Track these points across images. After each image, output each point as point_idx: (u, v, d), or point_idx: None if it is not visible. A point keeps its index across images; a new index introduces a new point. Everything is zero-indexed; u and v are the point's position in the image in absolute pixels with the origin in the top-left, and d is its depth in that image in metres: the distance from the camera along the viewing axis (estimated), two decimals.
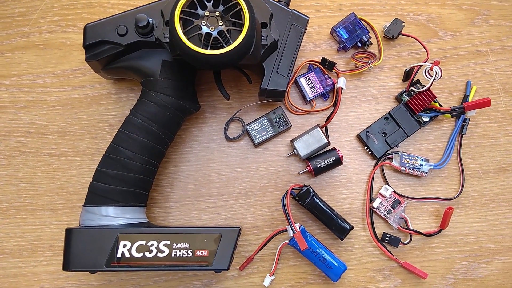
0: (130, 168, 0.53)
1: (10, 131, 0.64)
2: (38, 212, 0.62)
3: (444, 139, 0.64)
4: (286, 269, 0.61)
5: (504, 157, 0.64)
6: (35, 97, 0.64)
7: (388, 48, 0.66)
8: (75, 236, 0.50)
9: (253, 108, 0.64)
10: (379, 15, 0.66)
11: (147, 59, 0.55)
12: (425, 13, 0.67)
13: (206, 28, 0.47)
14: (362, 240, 0.62)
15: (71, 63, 0.65)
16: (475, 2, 0.67)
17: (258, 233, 0.62)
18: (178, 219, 0.62)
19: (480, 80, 0.65)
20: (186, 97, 0.56)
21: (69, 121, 0.64)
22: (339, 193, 0.63)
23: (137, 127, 0.54)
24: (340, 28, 0.64)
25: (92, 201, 0.53)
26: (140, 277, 0.61)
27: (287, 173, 0.63)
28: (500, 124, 0.64)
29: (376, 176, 0.63)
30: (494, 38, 0.66)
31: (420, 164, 0.61)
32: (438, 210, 0.62)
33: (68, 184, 0.63)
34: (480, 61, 0.66)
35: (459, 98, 0.65)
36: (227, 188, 0.63)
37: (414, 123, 0.62)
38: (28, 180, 0.63)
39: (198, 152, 0.63)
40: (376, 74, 0.65)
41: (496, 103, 0.65)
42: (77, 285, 0.61)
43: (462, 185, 0.62)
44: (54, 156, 0.63)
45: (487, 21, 0.67)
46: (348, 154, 0.63)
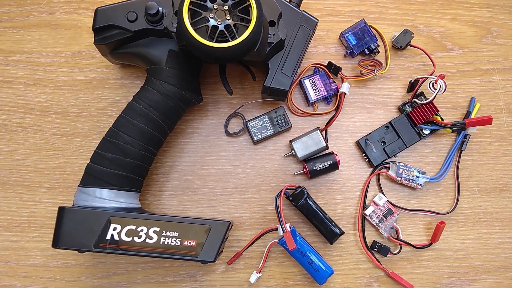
0: (128, 153, 0.54)
1: (15, 107, 0.65)
2: (34, 188, 0.63)
3: (443, 153, 0.64)
4: (273, 267, 0.61)
5: (501, 177, 0.63)
6: (42, 76, 0.65)
7: (395, 58, 0.66)
8: (67, 215, 0.51)
9: (256, 106, 0.65)
10: (389, 24, 0.66)
11: (154, 47, 0.56)
12: (435, 26, 0.67)
13: (214, 21, 0.47)
14: (352, 246, 0.62)
15: (81, 45, 0.66)
16: (487, 19, 0.67)
17: (248, 230, 0.62)
18: (172, 208, 0.63)
19: (484, 98, 0.65)
20: (190, 88, 0.57)
21: (73, 102, 0.65)
22: (333, 197, 0.63)
23: (138, 113, 0.55)
24: (349, 34, 0.64)
25: (88, 182, 0.53)
26: (129, 262, 0.61)
27: (283, 172, 0.63)
28: (500, 143, 0.64)
29: (372, 184, 0.63)
30: (502, 57, 0.66)
31: (416, 176, 0.61)
32: (431, 223, 0.62)
33: (67, 164, 0.64)
34: (486, 79, 0.66)
35: (462, 114, 0.65)
36: (223, 182, 0.63)
37: (414, 135, 0.62)
38: (28, 156, 0.64)
39: (197, 144, 0.64)
40: (381, 83, 0.65)
41: (498, 122, 0.65)
42: (66, 264, 0.61)
43: (456, 200, 0.62)
44: (55, 135, 0.64)
45: (497, 39, 0.66)
46: (345, 160, 0.63)
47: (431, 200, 0.63)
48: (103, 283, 0.61)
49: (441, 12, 0.67)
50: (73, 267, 0.61)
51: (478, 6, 0.67)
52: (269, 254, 0.61)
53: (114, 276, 0.61)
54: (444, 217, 0.62)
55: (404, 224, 0.62)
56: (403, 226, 0.62)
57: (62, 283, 0.61)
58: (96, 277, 0.61)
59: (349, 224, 0.62)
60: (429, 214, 0.62)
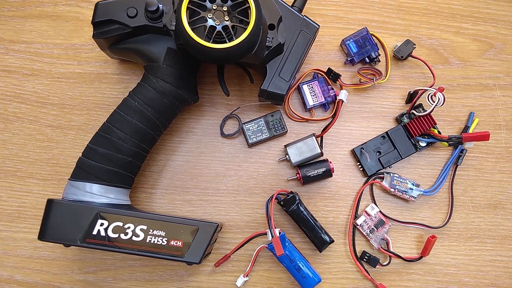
0: (120, 149, 0.53)
1: (11, 96, 0.65)
2: (26, 179, 0.63)
3: (438, 166, 0.63)
4: (261, 272, 0.61)
5: (496, 194, 0.63)
6: (40, 66, 0.65)
7: (396, 68, 0.65)
8: (55, 207, 0.51)
9: (252, 108, 0.64)
10: (391, 34, 0.66)
11: (153, 45, 0.55)
12: (438, 39, 0.66)
13: (212, 21, 0.47)
14: (341, 255, 0.61)
15: (81, 38, 0.66)
16: (491, 34, 0.66)
17: (238, 233, 0.62)
18: (162, 207, 0.62)
19: (483, 113, 0.64)
20: (186, 87, 0.57)
21: (70, 94, 0.65)
22: (325, 205, 0.62)
23: (132, 110, 0.54)
24: (351, 41, 0.63)
25: (78, 176, 0.53)
26: (116, 258, 0.61)
27: (276, 177, 0.63)
28: (497, 160, 0.63)
29: (365, 193, 0.62)
30: (504, 73, 0.65)
31: (410, 188, 0.60)
32: (422, 236, 0.61)
33: (60, 156, 0.63)
34: (486, 94, 0.65)
35: (460, 128, 0.64)
36: (215, 184, 0.63)
37: (410, 146, 0.62)
38: (22, 147, 0.64)
39: (192, 143, 0.64)
40: (380, 92, 0.65)
41: (496, 139, 0.64)
42: (53, 256, 0.61)
43: (449, 215, 0.62)
44: (50, 126, 0.64)
45: (500, 55, 0.66)
46: (339, 168, 0.63)
47: (423, 213, 0.62)
48: (89, 277, 0.61)
49: (444, 24, 0.66)
50: (60, 260, 0.61)
51: (483, 21, 0.67)
52: (257, 259, 0.61)
53: (101, 272, 0.61)
54: (436, 231, 0.61)
55: (395, 236, 0.62)
56: (394, 238, 0.61)
57: (48, 275, 0.61)
58: (82, 271, 0.61)
59: (340, 233, 0.62)
60: (421, 227, 0.61)
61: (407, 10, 0.67)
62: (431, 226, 0.61)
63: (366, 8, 0.67)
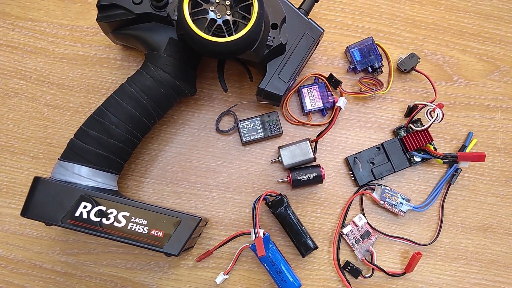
0: (112, 133, 0.53)
1: (13, 72, 0.65)
2: (19, 155, 0.63)
3: (431, 183, 0.62)
4: (241, 271, 0.60)
5: (487, 217, 0.62)
6: (44, 45, 0.65)
7: (398, 80, 0.64)
8: (41, 185, 0.51)
9: (250, 107, 0.64)
10: (397, 46, 0.65)
11: (156, 33, 0.55)
12: (444, 55, 0.65)
13: (213, 14, 0.47)
14: (324, 262, 0.61)
15: (87, 20, 0.66)
16: (498, 56, 0.66)
17: (223, 230, 0.61)
18: (150, 196, 0.62)
19: (482, 134, 0.64)
20: (184, 78, 0.56)
21: (71, 75, 0.65)
22: (313, 210, 0.62)
23: (128, 96, 0.54)
24: (355, 49, 0.63)
25: (68, 157, 0.53)
26: (99, 243, 0.61)
27: (267, 178, 0.63)
28: (492, 183, 0.63)
29: (354, 203, 0.62)
30: (507, 96, 0.65)
31: (400, 202, 0.60)
32: (407, 252, 0.61)
33: (54, 136, 0.63)
34: (487, 116, 0.64)
35: (457, 147, 0.63)
36: (205, 178, 0.63)
37: (404, 160, 0.61)
38: (18, 123, 0.64)
39: (186, 136, 0.63)
40: (380, 103, 0.64)
41: (493, 161, 0.63)
42: (37, 235, 0.61)
43: (437, 233, 0.61)
44: (47, 105, 0.64)
45: (505, 77, 0.65)
46: (331, 175, 0.62)
47: (411, 229, 0.61)
48: (70, 259, 0.61)
49: (452, 41, 0.66)
50: (43, 239, 0.61)
51: (491, 41, 0.66)
52: (239, 258, 0.60)
53: (82, 255, 0.61)
54: (422, 248, 0.61)
55: (380, 248, 0.61)
56: (379, 250, 0.61)
57: (30, 253, 0.61)
58: (64, 253, 0.61)
59: (325, 240, 0.61)
60: (407, 243, 0.61)
61: (416, 24, 0.66)
62: (418, 243, 0.60)
63: (375, 18, 0.66)
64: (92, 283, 0.60)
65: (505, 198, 0.62)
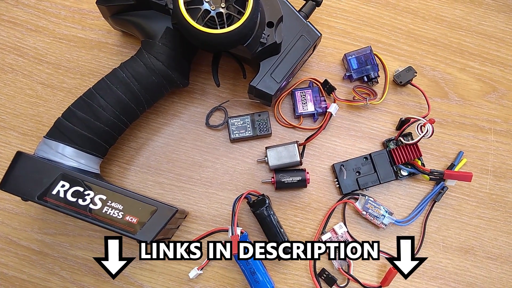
0: (99, 116, 0.53)
1: (11, 48, 0.65)
2: (8, 130, 0.63)
3: (416, 199, 0.62)
4: (216, 269, 0.60)
5: (469, 239, 0.61)
6: (45, 24, 0.66)
7: (393, 92, 0.64)
8: (23, 160, 0.51)
9: (242, 105, 0.64)
10: (395, 58, 0.65)
11: (154, 21, 0.55)
12: (442, 72, 0.65)
13: (208, 5, 0.47)
14: (300, 267, 0.60)
15: (90, 4, 0.66)
16: (496, 77, 0.65)
17: (202, 224, 0.61)
18: (133, 184, 0.62)
19: (473, 155, 0.63)
20: (177, 69, 0.56)
21: (68, 57, 0.65)
22: (294, 214, 0.61)
23: (119, 81, 0.54)
24: (352, 57, 0.63)
25: (53, 135, 0.53)
26: (77, 226, 0.61)
27: (251, 177, 0.62)
28: (478, 204, 0.62)
29: (336, 211, 0.61)
30: (502, 119, 0.64)
31: (382, 214, 0.59)
32: (385, 266, 0.60)
33: (44, 115, 0.64)
34: (480, 137, 0.63)
35: (446, 165, 0.62)
36: (190, 172, 0.62)
37: (390, 173, 0.60)
38: (10, 98, 0.64)
39: (175, 127, 0.63)
40: (372, 114, 0.64)
41: (481, 183, 0.62)
42: (17, 211, 0.61)
43: (417, 250, 0.60)
44: (42, 84, 0.64)
45: (501, 99, 0.64)
46: (316, 180, 0.62)
47: (391, 243, 0.61)
48: (47, 239, 0.60)
49: (451, 59, 0.65)
50: (23, 216, 0.61)
51: (491, 63, 0.65)
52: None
53: (60, 236, 0.61)
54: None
55: (358, 260, 0.60)
56: (357, 261, 0.60)
57: (8, 228, 0.61)
58: (42, 231, 0.61)
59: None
60: (386, 256, 0.60)
61: (416, 38, 0.66)
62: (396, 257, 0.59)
63: (376, 28, 0.66)
64: (65, 264, 0.60)
65: (489, 221, 0.61)
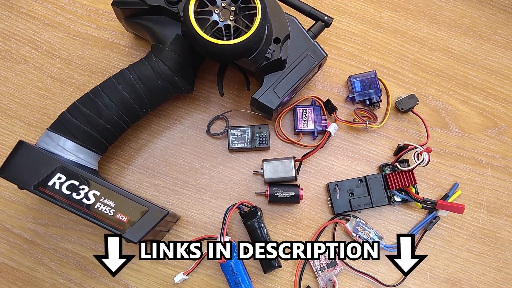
0: (102, 113, 0.54)
1: (27, 40, 0.67)
2: (14, 119, 0.65)
3: (407, 226, 0.62)
4: (202, 276, 0.60)
5: (457, 271, 0.61)
6: (61, 20, 0.68)
7: (394, 118, 0.65)
8: (23, 150, 0.52)
9: (244, 116, 0.65)
10: (399, 85, 0.66)
11: (165, 27, 0.57)
12: (444, 102, 0.66)
13: (217, 16, 0.48)
14: (284, 283, 0.60)
15: (106, 5, 0.68)
16: (498, 113, 0.65)
17: (193, 230, 0.62)
18: (129, 183, 0.63)
19: (468, 188, 0.63)
20: (183, 75, 0.58)
21: (80, 53, 0.67)
22: (284, 229, 0.62)
23: (125, 81, 0.56)
24: (357, 80, 0.63)
25: (56, 128, 0.54)
26: (70, 219, 0.62)
27: (246, 188, 0.63)
28: (468, 238, 0.62)
29: (327, 230, 0.61)
30: (500, 155, 0.64)
31: (372, 238, 0.59)
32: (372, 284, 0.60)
33: (51, 108, 0.65)
34: (477, 170, 0.64)
35: (440, 195, 0.63)
36: (186, 177, 0.63)
37: (383, 197, 0.61)
38: (20, 89, 0.66)
39: (176, 132, 0.64)
40: (372, 137, 0.64)
41: (474, 217, 0.62)
42: (13, 198, 0.62)
43: (404, 278, 0.60)
44: (52, 78, 0.66)
45: (501, 135, 0.65)
46: (309, 197, 0.62)
47: (379, 268, 0.61)
48: (39, 229, 0.61)
49: (454, 90, 0.66)
50: (18, 204, 0.62)
51: (494, 98, 0.66)
52: (202, 262, 0.60)
53: (52, 227, 0.61)
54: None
55: (343, 281, 0.60)
56: (342, 283, 0.60)
57: (2, 215, 0.62)
58: (35, 221, 0.62)
59: (290, 261, 0.61)
60: (372, 281, 0.60)
61: (422, 67, 0.67)
62: (383, 283, 0.59)
63: (383, 54, 0.67)
64: (55, 256, 0.61)
65: (479, 255, 0.61)
